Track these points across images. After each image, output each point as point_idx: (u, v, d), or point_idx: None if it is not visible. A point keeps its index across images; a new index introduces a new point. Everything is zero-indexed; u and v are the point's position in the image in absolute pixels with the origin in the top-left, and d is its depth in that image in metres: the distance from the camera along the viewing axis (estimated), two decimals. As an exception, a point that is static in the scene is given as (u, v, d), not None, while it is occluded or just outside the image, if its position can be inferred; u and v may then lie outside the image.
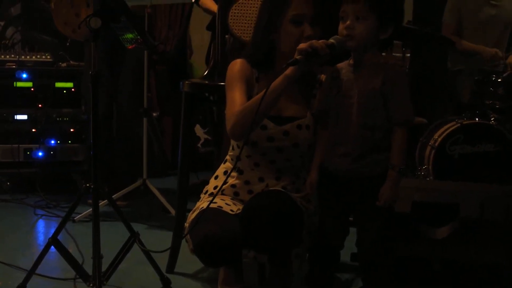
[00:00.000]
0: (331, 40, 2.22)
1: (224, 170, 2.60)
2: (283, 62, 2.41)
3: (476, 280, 2.85)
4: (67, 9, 3.91)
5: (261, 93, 2.25)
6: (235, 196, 2.53)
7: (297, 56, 2.19)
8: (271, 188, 2.47)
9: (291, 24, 2.39)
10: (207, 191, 2.59)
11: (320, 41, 2.21)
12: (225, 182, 2.46)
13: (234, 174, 2.53)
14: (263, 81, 2.47)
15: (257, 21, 2.54)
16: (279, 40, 2.43)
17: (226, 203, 2.47)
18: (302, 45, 2.20)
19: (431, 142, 3.94)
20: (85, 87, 4.34)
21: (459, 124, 3.87)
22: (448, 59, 4.67)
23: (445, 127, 3.94)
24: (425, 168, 3.91)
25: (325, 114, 2.38)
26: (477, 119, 3.94)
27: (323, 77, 2.49)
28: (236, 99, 2.38)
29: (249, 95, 2.41)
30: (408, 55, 4.59)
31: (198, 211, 2.47)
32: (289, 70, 2.22)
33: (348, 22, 2.23)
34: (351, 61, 2.33)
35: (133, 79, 4.16)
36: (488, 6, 4.50)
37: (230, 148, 2.60)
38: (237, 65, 2.47)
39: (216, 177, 2.61)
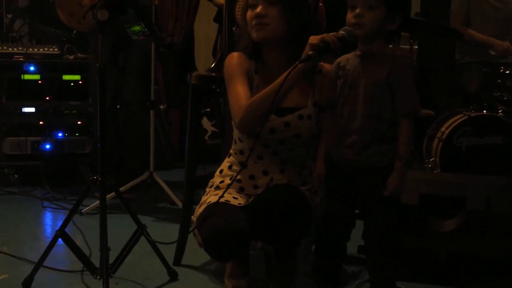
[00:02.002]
0: (341, 32, 2.23)
1: (229, 164, 2.59)
2: (266, 50, 2.46)
3: (483, 273, 2.85)
4: (70, 0, 3.90)
5: (270, 87, 2.26)
6: (241, 191, 2.53)
7: (309, 52, 2.19)
8: (280, 183, 2.47)
9: (249, 8, 2.43)
10: (212, 185, 2.59)
11: (331, 34, 2.21)
12: (233, 181, 2.45)
13: (238, 168, 2.52)
14: (262, 73, 2.47)
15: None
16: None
17: (233, 197, 2.47)
18: (313, 40, 2.20)
19: (439, 134, 3.92)
20: (91, 80, 4.34)
21: (466, 116, 3.86)
22: (456, 51, 4.65)
23: (453, 119, 3.93)
24: (433, 160, 3.90)
25: (332, 105, 2.38)
26: (484, 111, 3.92)
27: (322, 65, 2.49)
28: (241, 93, 2.38)
29: (249, 88, 2.42)
30: (416, 47, 4.57)
31: (205, 205, 2.47)
32: (300, 65, 2.22)
33: (357, 10, 2.23)
34: (358, 52, 2.33)
35: (138, 71, 4.14)
36: None
37: (233, 142, 2.59)
38: (234, 59, 2.48)
39: (221, 171, 2.60)
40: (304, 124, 2.44)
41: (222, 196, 2.37)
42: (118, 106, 4.21)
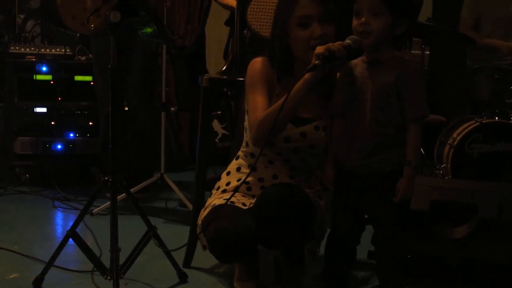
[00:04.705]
0: (347, 41, 2.21)
1: (237, 166, 2.60)
2: (300, 66, 2.39)
3: (493, 281, 2.84)
4: (74, 3, 3.89)
5: (282, 99, 2.24)
6: (248, 191, 2.53)
7: (315, 61, 2.18)
8: (283, 181, 2.47)
9: (298, 27, 2.36)
10: (219, 187, 2.59)
11: (336, 43, 2.20)
12: (241, 184, 2.45)
13: (246, 170, 2.53)
14: (284, 83, 2.45)
15: (272, 26, 2.53)
16: (292, 44, 2.40)
17: (237, 199, 2.48)
18: (318, 50, 2.18)
19: (450, 140, 3.91)
20: (95, 82, 4.33)
21: (478, 123, 3.84)
22: (467, 57, 4.64)
23: (464, 125, 3.91)
24: (444, 167, 3.89)
25: (341, 113, 2.38)
26: (496, 118, 3.91)
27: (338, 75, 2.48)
28: (259, 104, 2.36)
29: (270, 96, 2.40)
30: (428, 52, 4.56)
31: (210, 208, 2.48)
32: (308, 75, 2.21)
33: (363, 19, 2.23)
34: (365, 58, 2.33)
35: (141, 72, 4.14)
36: (508, 2, 4.45)
37: (244, 144, 2.59)
38: (258, 65, 2.45)
39: (228, 173, 2.61)
40: (320, 135, 2.44)
41: (228, 200, 2.38)
42: (126, 108, 4.21)
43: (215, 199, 2.51)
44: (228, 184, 2.55)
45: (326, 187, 2.48)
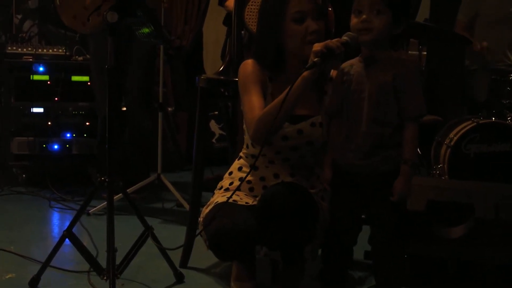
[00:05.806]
0: (345, 38, 2.22)
1: (239, 166, 2.61)
2: (294, 61, 2.42)
3: (489, 281, 2.84)
4: (73, 2, 3.87)
5: (280, 97, 2.24)
6: (250, 191, 2.54)
7: (314, 59, 2.18)
8: (285, 180, 2.48)
9: (294, 22, 2.38)
10: (221, 187, 2.60)
11: (334, 40, 2.20)
12: (243, 181, 2.45)
13: (248, 170, 2.53)
14: (277, 81, 2.46)
15: (258, 25, 2.53)
16: (286, 40, 2.42)
17: (240, 198, 2.49)
18: (316, 47, 2.19)
19: (447, 141, 3.91)
20: (93, 82, 4.32)
21: (475, 123, 3.84)
22: (465, 57, 4.64)
23: (461, 126, 3.92)
24: (440, 167, 3.89)
25: (338, 112, 2.38)
26: (493, 118, 3.91)
27: (333, 73, 2.49)
28: (255, 104, 2.38)
29: (264, 96, 2.42)
30: (425, 53, 4.56)
31: (212, 205, 2.49)
32: (306, 73, 2.22)
33: (364, 16, 2.23)
34: (362, 57, 2.33)
35: (140, 73, 4.13)
36: (507, 3, 4.45)
37: (244, 146, 2.60)
38: (249, 67, 2.47)
39: (230, 173, 2.62)
40: (316, 131, 2.45)
41: (230, 197, 2.39)
42: (124, 109, 4.21)
43: (218, 197, 2.53)
44: (231, 184, 2.57)
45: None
